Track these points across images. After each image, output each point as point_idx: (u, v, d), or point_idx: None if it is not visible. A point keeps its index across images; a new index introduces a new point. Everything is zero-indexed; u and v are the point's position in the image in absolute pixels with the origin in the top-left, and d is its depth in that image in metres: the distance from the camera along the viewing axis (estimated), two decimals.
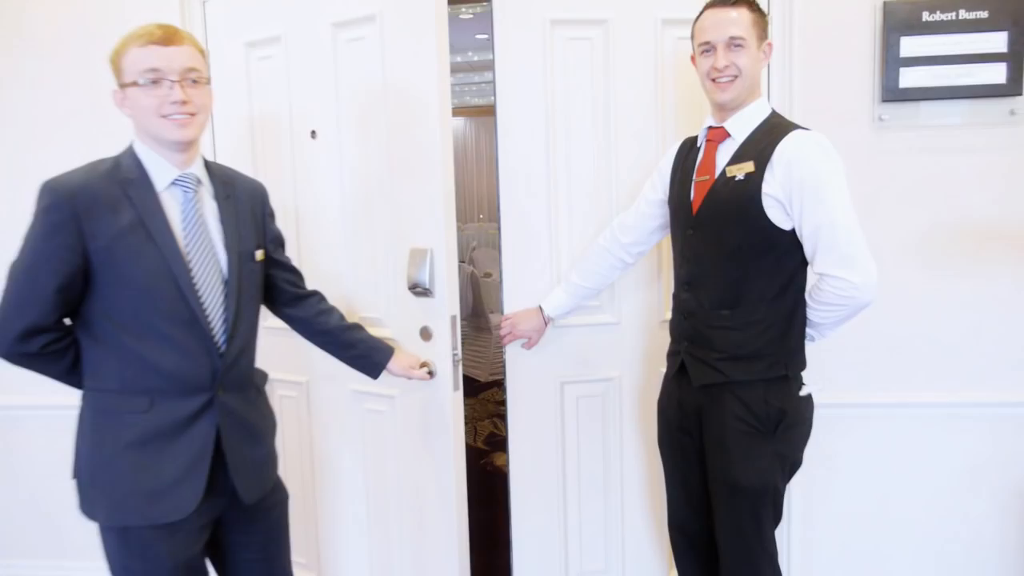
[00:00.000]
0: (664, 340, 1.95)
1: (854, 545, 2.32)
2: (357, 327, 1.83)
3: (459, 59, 10.10)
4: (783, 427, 1.68)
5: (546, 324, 2.12)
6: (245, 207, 1.62)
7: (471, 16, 7.95)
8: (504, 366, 2.20)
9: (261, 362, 1.69)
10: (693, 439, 1.82)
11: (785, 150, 1.61)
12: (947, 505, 2.27)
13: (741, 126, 1.71)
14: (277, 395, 2.24)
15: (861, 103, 2.15)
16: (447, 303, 1.84)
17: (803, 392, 1.72)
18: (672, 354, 1.87)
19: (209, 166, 1.59)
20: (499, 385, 5.31)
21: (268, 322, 1.82)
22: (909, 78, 2.09)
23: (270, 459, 1.67)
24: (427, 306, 1.87)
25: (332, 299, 1.86)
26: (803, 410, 1.72)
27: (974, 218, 2.14)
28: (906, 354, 2.22)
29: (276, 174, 2.13)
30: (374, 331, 1.92)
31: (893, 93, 2.10)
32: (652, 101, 2.13)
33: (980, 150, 2.12)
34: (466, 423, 4.60)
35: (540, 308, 2.11)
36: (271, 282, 1.74)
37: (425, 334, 1.89)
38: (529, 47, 2.07)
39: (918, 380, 2.22)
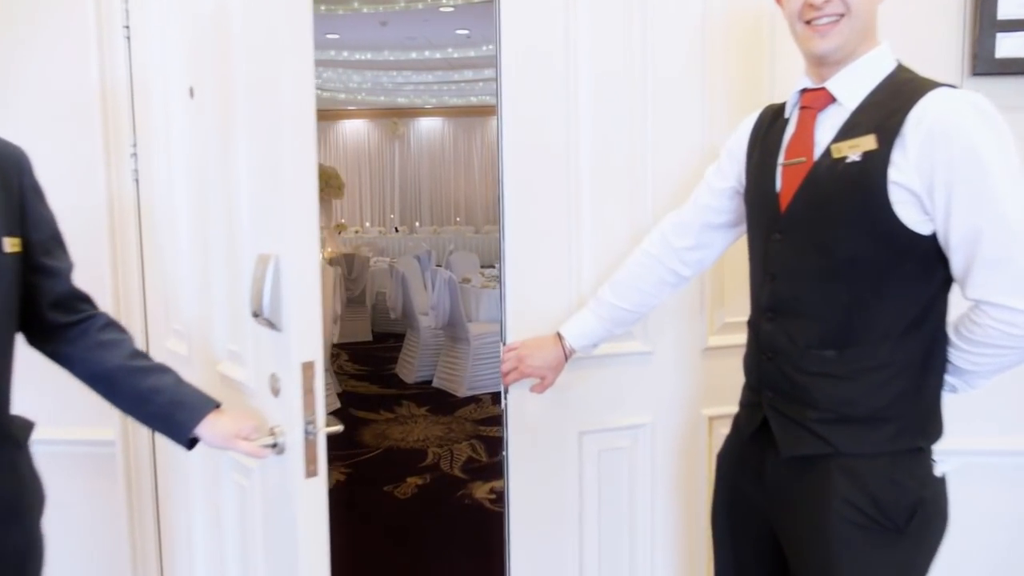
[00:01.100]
0: (710, 373, 1.57)
1: None
2: (158, 370, 1.26)
3: (439, 55, 9.77)
4: (917, 523, 1.20)
5: (567, 357, 1.60)
6: None
7: (452, 9, 7.60)
8: (505, 413, 1.68)
9: None
10: (768, 523, 1.34)
11: (925, 116, 1.13)
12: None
13: (852, 86, 1.23)
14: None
15: (946, 77, 1.76)
16: (297, 342, 1.20)
17: (938, 471, 1.24)
18: (749, 406, 1.38)
19: None
20: (477, 401, 4.97)
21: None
22: (1008, 46, 1.79)
23: (29, 549, 1.18)
24: (276, 344, 1.25)
25: (185, 322, 1.35)
26: (940, 498, 1.25)
27: None
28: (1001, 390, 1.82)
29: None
30: (235, 370, 1.42)
31: (987, 65, 1.80)
32: (700, 66, 1.71)
33: None
34: (441, 446, 4.19)
35: (559, 336, 1.59)
36: (26, 297, 1.20)
37: (273, 385, 1.27)
38: None
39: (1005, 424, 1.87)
